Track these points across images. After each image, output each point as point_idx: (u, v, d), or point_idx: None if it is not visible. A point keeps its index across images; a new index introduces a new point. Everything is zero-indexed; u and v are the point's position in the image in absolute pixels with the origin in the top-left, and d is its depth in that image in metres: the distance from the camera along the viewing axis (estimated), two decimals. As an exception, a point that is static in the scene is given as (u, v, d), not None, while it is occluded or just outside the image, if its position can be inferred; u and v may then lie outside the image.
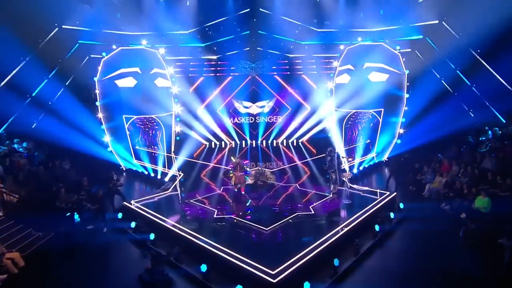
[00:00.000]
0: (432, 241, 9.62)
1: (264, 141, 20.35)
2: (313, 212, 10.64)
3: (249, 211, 10.84)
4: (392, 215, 10.69)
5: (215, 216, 10.61)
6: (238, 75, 18.95)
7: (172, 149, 16.53)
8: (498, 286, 7.80)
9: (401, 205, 11.61)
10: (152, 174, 15.72)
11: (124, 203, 11.87)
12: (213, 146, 19.89)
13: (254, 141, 20.28)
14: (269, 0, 16.45)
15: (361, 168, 16.11)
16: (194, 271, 8.23)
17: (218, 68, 18.72)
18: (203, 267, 8.07)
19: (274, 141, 20.29)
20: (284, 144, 20.13)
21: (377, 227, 9.65)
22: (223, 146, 19.84)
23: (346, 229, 9.10)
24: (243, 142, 20.19)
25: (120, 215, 11.35)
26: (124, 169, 16.62)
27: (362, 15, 16.54)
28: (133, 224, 10.50)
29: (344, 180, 12.50)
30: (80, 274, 8.47)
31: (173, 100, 16.36)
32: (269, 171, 14.46)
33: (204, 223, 9.93)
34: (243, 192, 12.32)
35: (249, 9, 16.74)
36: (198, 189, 13.37)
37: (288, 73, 19.22)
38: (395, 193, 12.13)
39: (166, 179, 14.70)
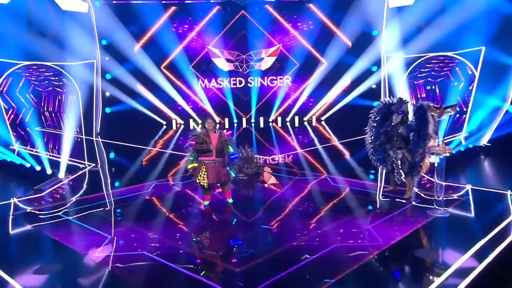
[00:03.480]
0: None
1: (261, 119, 18.62)
2: (382, 242, 6.43)
3: (236, 247, 6.62)
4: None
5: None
6: (215, 2, 16.82)
7: (95, 128, 14.94)
8: None
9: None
10: (38, 168, 11.90)
11: None
12: (175, 127, 18.49)
13: (244, 119, 18.63)
14: None
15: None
16: None
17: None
18: None
19: (279, 118, 18.79)
20: (297, 124, 18.52)
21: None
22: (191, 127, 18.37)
23: (462, 285, 5.00)
24: (226, 120, 18.76)
25: None
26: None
27: None
28: None
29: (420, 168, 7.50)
30: None
31: (97, 41, 14.90)
32: (257, 159, 10.34)
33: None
34: (230, 201, 7.88)
35: None
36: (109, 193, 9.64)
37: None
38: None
39: (61, 174, 10.87)
